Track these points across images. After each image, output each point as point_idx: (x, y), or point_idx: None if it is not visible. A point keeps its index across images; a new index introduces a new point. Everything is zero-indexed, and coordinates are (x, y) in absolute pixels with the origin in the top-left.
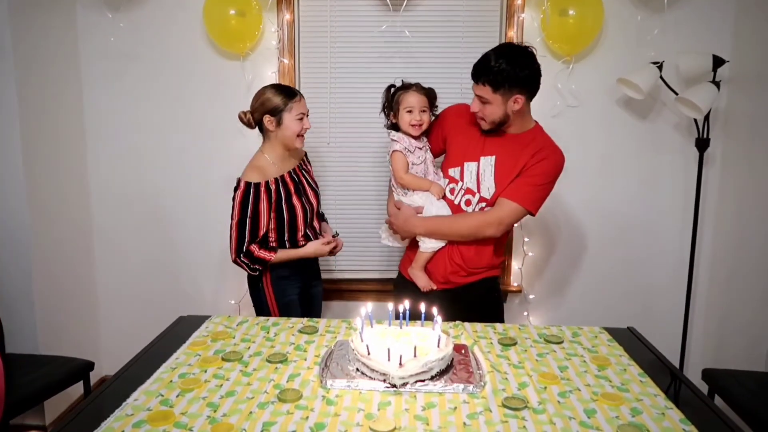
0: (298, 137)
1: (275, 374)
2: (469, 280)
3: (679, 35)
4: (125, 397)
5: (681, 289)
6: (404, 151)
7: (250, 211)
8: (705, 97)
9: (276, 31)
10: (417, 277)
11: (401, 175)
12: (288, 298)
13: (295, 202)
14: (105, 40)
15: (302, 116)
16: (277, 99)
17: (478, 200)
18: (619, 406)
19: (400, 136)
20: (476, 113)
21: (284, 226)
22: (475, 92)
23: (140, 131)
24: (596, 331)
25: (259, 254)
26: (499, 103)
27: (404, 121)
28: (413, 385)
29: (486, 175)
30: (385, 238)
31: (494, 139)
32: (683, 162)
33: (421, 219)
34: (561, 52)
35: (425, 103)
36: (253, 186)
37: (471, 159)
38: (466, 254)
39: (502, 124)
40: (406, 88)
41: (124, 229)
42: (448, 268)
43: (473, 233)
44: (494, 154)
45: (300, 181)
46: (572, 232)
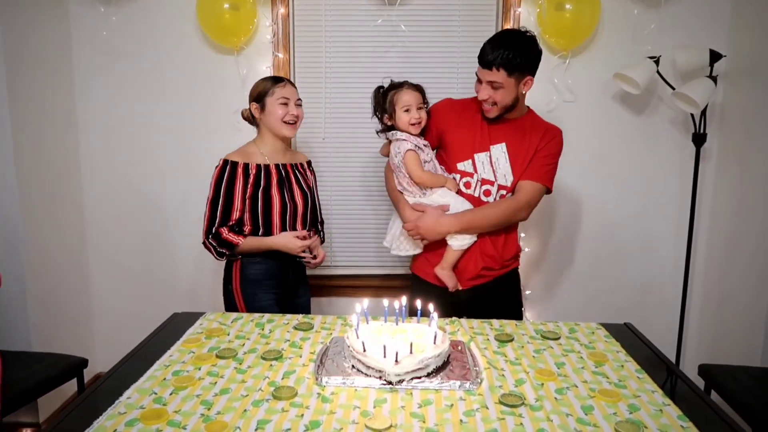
0: (283, 123)
1: (270, 371)
2: (500, 273)
3: (676, 30)
4: (118, 395)
5: (677, 284)
6: (415, 149)
7: (224, 189)
8: (702, 92)
9: (270, 25)
10: (447, 278)
11: (420, 173)
12: (259, 303)
13: (273, 193)
14: (97, 34)
15: (286, 101)
16: (262, 85)
17: (498, 189)
18: (617, 403)
19: (406, 135)
20: (485, 100)
21: (258, 217)
22: (485, 78)
23: (133, 126)
24: (593, 327)
25: (227, 237)
26: (512, 87)
27: (403, 120)
28: (409, 382)
29: (500, 163)
30: (396, 249)
31: (498, 127)
32: (680, 157)
33: (453, 216)
34: (557, 46)
35: (420, 99)
36: (230, 164)
37: (481, 150)
38: (498, 244)
39: (510, 109)
40: (398, 87)
41: (117, 224)
42: (480, 263)
43: (508, 219)
44: (504, 141)
45: (287, 177)
46: (568, 227)
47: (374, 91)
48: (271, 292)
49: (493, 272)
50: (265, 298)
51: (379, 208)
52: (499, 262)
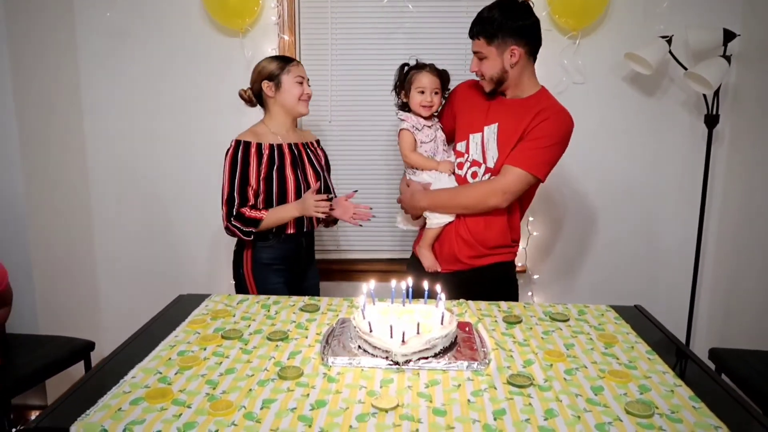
0: (300, 101)
1: (276, 352)
2: (480, 263)
3: (689, 9)
4: (123, 375)
5: (688, 268)
6: (412, 129)
7: (239, 171)
8: (715, 72)
9: (276, 6)
10: (423, 257)
11: (407, 153)
12: (271, 286)
13: (288, 173)
14: (101, 15)
15: (301, 80)
16: (273, 65)
17: (484, 171)
18: (627, 384)
19: (408, 115)
20: (476, 72)
21: (273, 197)
22: (472, 50)
23: (138, 108)
24: (602, 309)
25: (251, 214)
26: (495, 57)
27: (415, 101)
28: (416, 363)
29: (490, 144)
30: (399, 222)
31: (498, 106)
32: (691, 139)
33: (425, 193)
34: (567, 26)
35: (437, 84)
36: (243, 144)
37: (475, 130)
38: (474, 228)
39: (501, 82)
40: (419, 67)
41: (123, 208)
42: (454, 246)
43: (478, 203)
44: (497, 122)
45: (299, 156)
46: (577, 211)
47: (399, 68)
48: (282, 276)
49: (473, 260)
50: (275, 281)
51: (386, 191)
52: (477, 249)
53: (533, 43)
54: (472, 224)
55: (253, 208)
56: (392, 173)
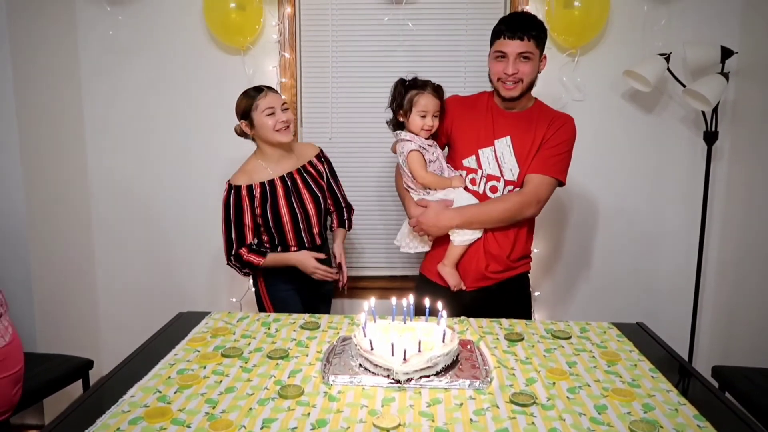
0: (276, 131)
1: (276, 370)
2: (506, 276)
3: (686, 26)
4: (122, 394)
5: (689, 284)
6: (420, 149)
7: (233, 215)
8: (713, 89)
9: (277, 24)
10: (449, 275)
11: (423, 174)
12: (282, 293)
13: (281, 208)
14: (104, 33)
15: (272, 110)
16: (244, 102)
17: (504, 184)
18: (631, 402)
19: (411, 135)
20: (513, 75)
21: (270, 230)
22: (513, 51)
23: (140, 126)
24: (605, 327)
25: (248, 258)
26: (536, 61)
27: (416, 124)
28: (418, 381)
29: (506, 157)
30: (406, 246)
31: (503, 120)
32: (691, 155)
33: (455, 210)
34: (566, 44)
35: (438, 107)
36: (234, 188)
37: (485, 145)
38: (503, 242)
39: (530, 88)
40: (420, 87)
41: (124, 225)
42: (482, 262)
43: (513, 215)
44: (508, 135)
45: (294, 185)
46: (578, 228)
47: (395, 83)
48: (291, 281)
49: (499, 275)
50: (285, 287)
51: (387, 209)
52: (505, 263)
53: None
54: (501, 238)
55: (251, 250)
56: (394, 190)
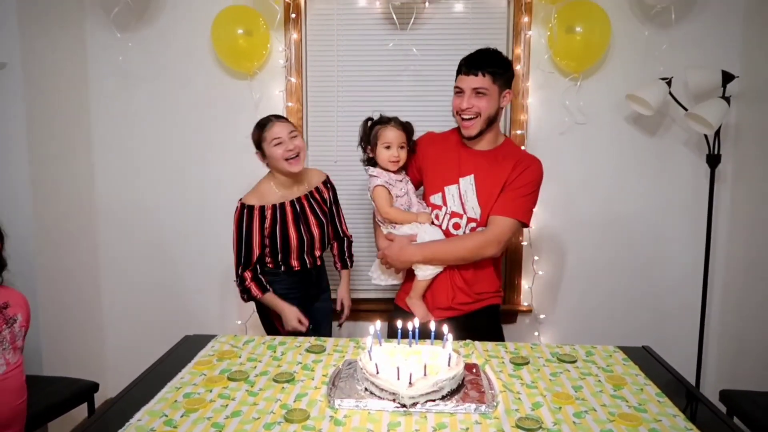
0: (286, 161)
1: (282, 394)
2: (475, 307)
3: (688, 51)
4: (129, 418)
5: (695, 308)
6: (386, 185)
7: (245, 233)
8: (715, 112)
9: (283, 50)
10: (415, 307)
11: (387, 209)
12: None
13: (290, 232)
14: (113, 59)
15: (279, 140)
16: (255, 134)
17: (467, 221)
18: (638, 427)
19: (379, 171)
20: (467, 109)
21: (277, 251)
22: (469, 86)
23: (147, 150)
24: (610, 350)
25: (249, 285)
26: (495, 97)
27: (382, 157)
28: (424, 405)
29: (468, 195)
30: (377, 278)
31: (469, 158)
32: (694, 178)
33: (417, 246)
34: (568, 69)
35: (403, 138)
36: (247, 208)
37: (450, 182)
38: (467, 276)
39: (490, 123)
40: (384, 122)
41: (130, 248)
42: (449, 294)
43: (474, 254)
44: (472, 173)
45: (302, 210)
46: (582, 251)
47: (363, 123)
48: (294, 297)
49: (467, 306)
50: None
51: None
52: (471, 295)
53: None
54: (465, 273)
55: (254, 277)
56: None
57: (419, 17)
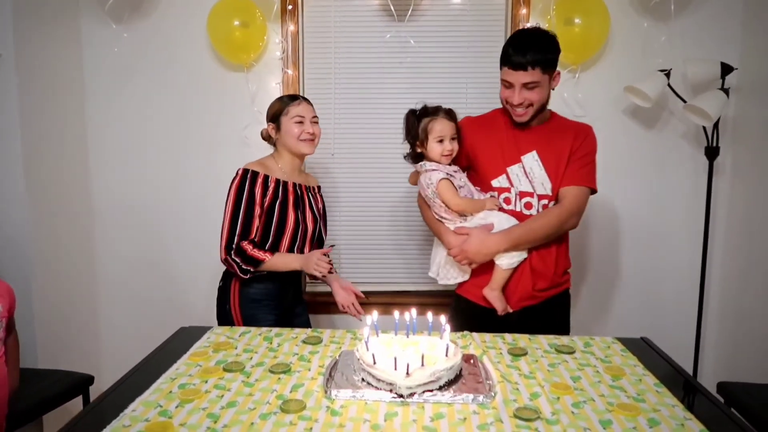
0: (300, 141)
1: (278, 384)
2: (551, 294)
3: (686, 43)
4: (123, 408)
5: (692, 300)
6: (449, 177)
7: (245, 201)
8: (714, 105)
9: (280, 42)
10: (496, 300)
11: (457, 201)
12: (260, 324)
13: (289, 211)
14: (108, 50)
15: (301, 119)
16: (277, 104)
17: (538, 199)
18: (636, 417)
19: (434, 164)
20: (520, 104)
21: (270, 232)
22: (518, 81)
23: (143, 142)
24: (609, 342)
25: (253, 253)
26: (546, 85)
27: (435, 151)
28: (421, 395)
29: (535, 172)
30: (444, 278)
31: (524, 136)
32: (692, 171)
33: (500, 234)
34: (567, 61)
35: (454, 129)
36: (251, 173)
37: (512, 162)
38: (548, 258)
39: (542, 110)
40: (432, 113)
41: (126, 240)
42: (529, 282)
43: (558, 229)
44: (533, 149)
45: (302, 198)
46: (580, 243)
47: (406, 115)
48: (271, 313)
49: (544, 292)
50: (264, 319)
51: (389, 223)
52: (551, 279)
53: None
54: (545, 255)
55: (255, 245)
56: (395, 206)
57: (417, 8)
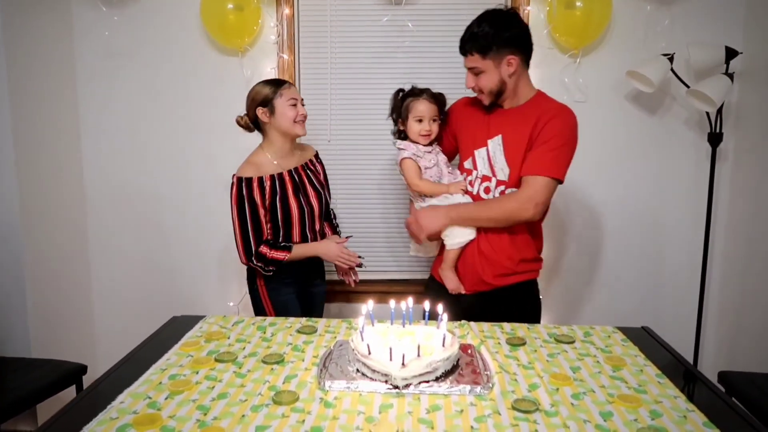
0: (295, 123)
1: (271, 375)
2: (504, 282)
3: (690, 26)
4: (111, 400)
5: (694, 288)
6: (413, 157)
7: (248, 208)
8: (718, 89)
9: (275, 26)
10: (447, 279)
11: (416, 182)
12: (283, 297)
13: (291, 202)
14: (99, 34)
15: (295, 101)
16: (266, 89)
17: (496, 184)
18: (637, 409)
19: (406, 143)
20: (473, 88)
21: (279, 225)
22: (466, 66)
23: (136, 128)
24: (609, 331)
25: (273, 255)
26: (492, 69)
27: (413, 130)
28: (417, 387)
29: (497, 157)
30: (414, 249)
31: (498, 118)
32: (695, 157)
33: (443, 209)
34: (568, 45)
35: (435, 111)
36: (245, 181)
37: (479, 145)
38: (497, 246)
39: (501, 93)
40: (416, 94)
41: (120, 229)
42: (477, 266)
43: (506, 217)
44: (500, 133)
45: (301, 180)
46: (581, 232)
47: (393, 94)
48: (292, 285)
49: (497, 279)
50: (287, 291)
51: (386, 210)
52: (502, 267)
53: (526, 49)
54: (495, 240)
55: (272, 246)
56: (393, 193)
57: None
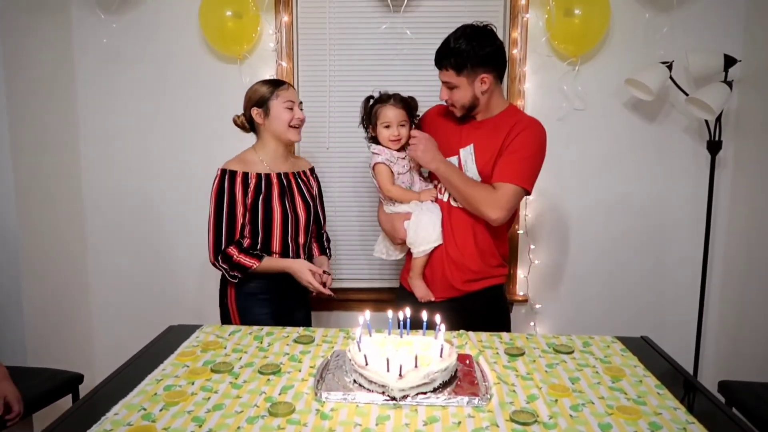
0: (290, 128)
1: (267, 386)
2: (473, 288)
3: (689, 34)
4: (106, 411)
5: (693, 297)
6: (387, 162)
7: (226, 205)
8: (717, 97)
9: (274, 33)
10: (415, 287)
11: (388, 187)
12: (255, 318)
13: (274, 204)
14: (98, 40)
15: (291, 104)
16: (264, 89)
17: None
18: (637, 420)
19: (380, 148)
20: (446, 101)
21: (258, 229)
22: (441, 79)
23: (134, 134)
24: (608, 341)
25: (239, 259)
26: (466, 86)
27: (382, 136)
28: (414, 398)
29: (468, 165)
30: (379, 252)
31: (470, 128)
32: (694, 165)
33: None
34: (566, 52)
35: (404, 116)
36: (229, 173)
37: (451, 153)
38: (465, 250)
39: (473, 108)
40: (383, 100)
41: (117, 236)
42: (446, 271)
43: (474, 203)
44: (472, 143)
45: (289, 186)
46: (579, 239)
47: (363, 101)
48: (267, 307)
49: (465, 286)
50: (260, 312)
51: None
52: (468, 272)
53: (500, 67)
54: (463, 245)
55: (242, 250)
56: None
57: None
